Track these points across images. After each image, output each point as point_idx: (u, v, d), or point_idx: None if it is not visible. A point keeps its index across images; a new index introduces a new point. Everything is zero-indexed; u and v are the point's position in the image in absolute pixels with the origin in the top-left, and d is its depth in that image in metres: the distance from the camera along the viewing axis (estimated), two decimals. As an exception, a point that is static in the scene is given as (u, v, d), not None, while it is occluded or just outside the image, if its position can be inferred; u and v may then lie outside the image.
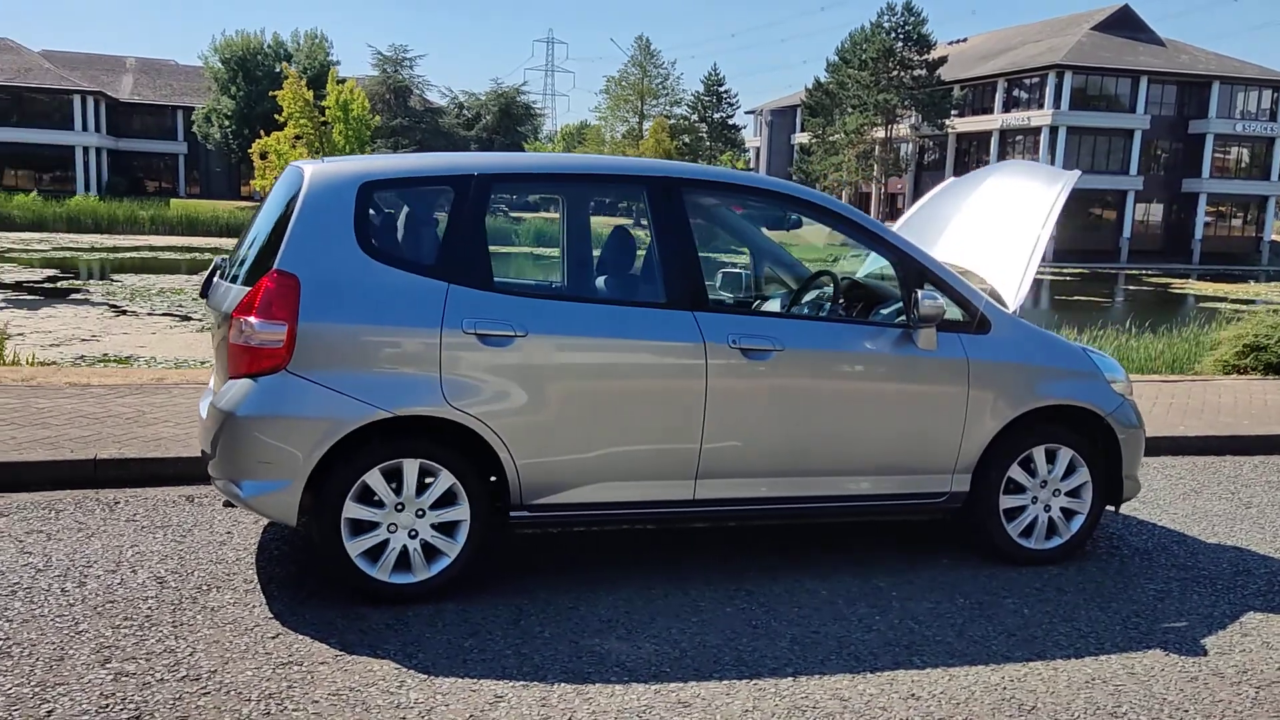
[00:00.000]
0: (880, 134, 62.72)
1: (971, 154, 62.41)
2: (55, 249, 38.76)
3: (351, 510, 4.34)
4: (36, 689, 3.54)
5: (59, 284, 25.74)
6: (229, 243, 48.20)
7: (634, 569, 5.00)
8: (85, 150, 62.38)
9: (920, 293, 4.95)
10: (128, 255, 37.48)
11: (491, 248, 4.70)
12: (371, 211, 4.54)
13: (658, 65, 69.20)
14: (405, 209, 4.80)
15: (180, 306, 21.66)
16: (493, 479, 4.60)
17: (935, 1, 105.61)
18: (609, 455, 4.66)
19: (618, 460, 4.68)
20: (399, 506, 4.40)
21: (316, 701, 3.57)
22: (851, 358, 5.02)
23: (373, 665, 3.86)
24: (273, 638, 4.04)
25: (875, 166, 63.23)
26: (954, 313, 5.17)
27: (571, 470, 4.62)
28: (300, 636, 4.06)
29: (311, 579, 4.65)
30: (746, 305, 5.79)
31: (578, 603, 4.55)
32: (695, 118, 74.17)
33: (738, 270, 6.20)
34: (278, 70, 55.73)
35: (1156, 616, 4.72)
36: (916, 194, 64.96)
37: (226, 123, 62.76)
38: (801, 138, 72.85)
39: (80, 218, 50.76)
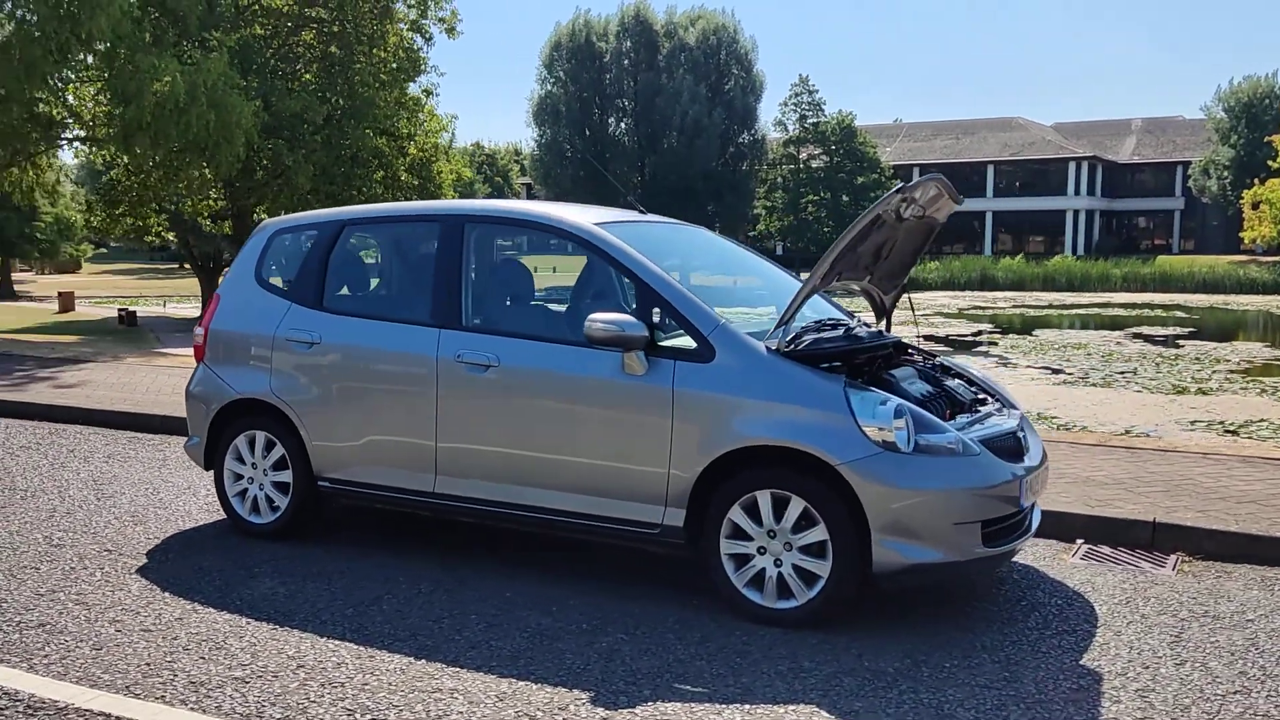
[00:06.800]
0: None
1: None
2: (1013, 306, 39.59)
3: (229, 465, 6.00)
4: None
5: (979, 336, 25.60)
6: (1196, 300, 45.54)
7: (429, 546, 5.64)
8: (1075, 213, 65.50)
9: (592, 316, 4.78)
10: (1072, 312, 35.50)
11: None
12: (271, 251, 6.16)
13: None
14: (296, 248, 6.23)
15: (1067, 361, 19.15)
16: None
17: None
18: (370, 444, 5.51)
19: (378, 449, 5.50)
20: (254, 465, 5.92)
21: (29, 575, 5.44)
22: (558, 377, 5.04)
23: (105, 560, 5.49)
24: (132, 556, 5.86)
25: None
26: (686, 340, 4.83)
27: (346, 453, 5.58)
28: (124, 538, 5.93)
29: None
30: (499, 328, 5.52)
31: (318, 563, 5.49)
32: None
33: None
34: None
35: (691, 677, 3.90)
36: None
37: (1224, 173, 60.08)
38: None
39: (1055, 277, 52.70)
